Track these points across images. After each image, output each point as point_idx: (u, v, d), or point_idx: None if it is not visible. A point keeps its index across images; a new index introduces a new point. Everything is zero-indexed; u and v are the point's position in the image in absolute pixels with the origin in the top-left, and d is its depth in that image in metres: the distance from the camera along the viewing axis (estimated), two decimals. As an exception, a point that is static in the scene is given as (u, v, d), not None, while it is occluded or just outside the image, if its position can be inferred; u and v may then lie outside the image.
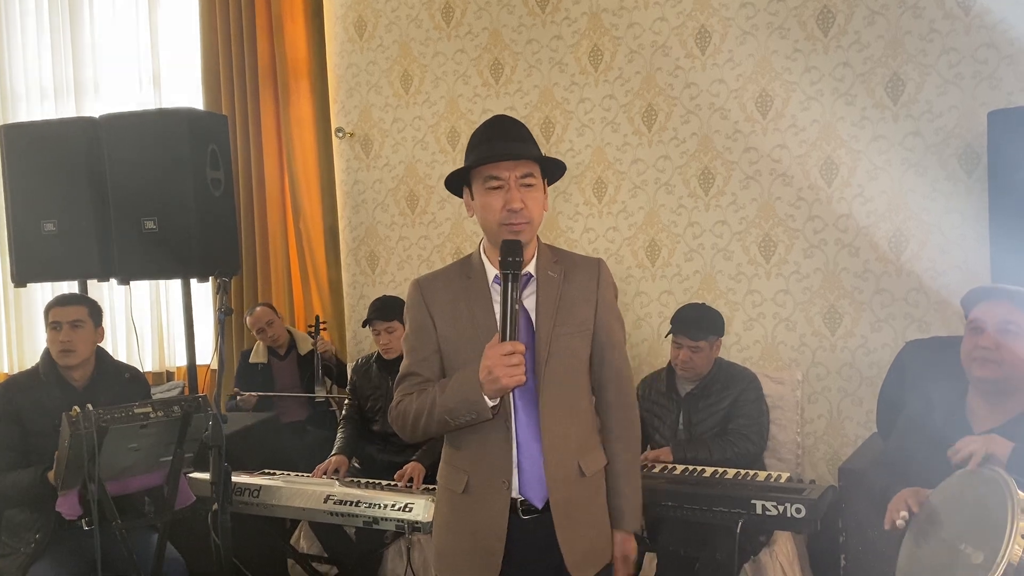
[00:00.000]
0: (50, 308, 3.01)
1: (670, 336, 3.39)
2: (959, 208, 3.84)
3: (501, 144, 1.94)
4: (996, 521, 1.84)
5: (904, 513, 2.11)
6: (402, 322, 3.66)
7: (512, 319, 1.83)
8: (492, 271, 2.00)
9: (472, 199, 1.99)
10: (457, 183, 2.03)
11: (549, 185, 2.05)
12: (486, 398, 1.83)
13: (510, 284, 1.84)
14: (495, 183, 1.92)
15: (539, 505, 1.96)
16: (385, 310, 3.74)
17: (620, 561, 2.07)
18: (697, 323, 3.31)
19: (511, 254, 1.86)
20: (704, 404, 3.32)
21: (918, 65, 3.88)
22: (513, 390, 1.93)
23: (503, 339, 1.82)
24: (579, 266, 2.05)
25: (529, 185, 1.93)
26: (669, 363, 3.44)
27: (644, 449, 3.29)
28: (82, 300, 3.10)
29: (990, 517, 1.87)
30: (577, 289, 2.01)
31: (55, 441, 2.66)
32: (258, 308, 4.74)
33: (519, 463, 1.95)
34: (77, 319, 2.98)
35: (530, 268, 2.00)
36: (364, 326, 3.83)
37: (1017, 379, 2.18)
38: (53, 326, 2.97)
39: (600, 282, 2.04)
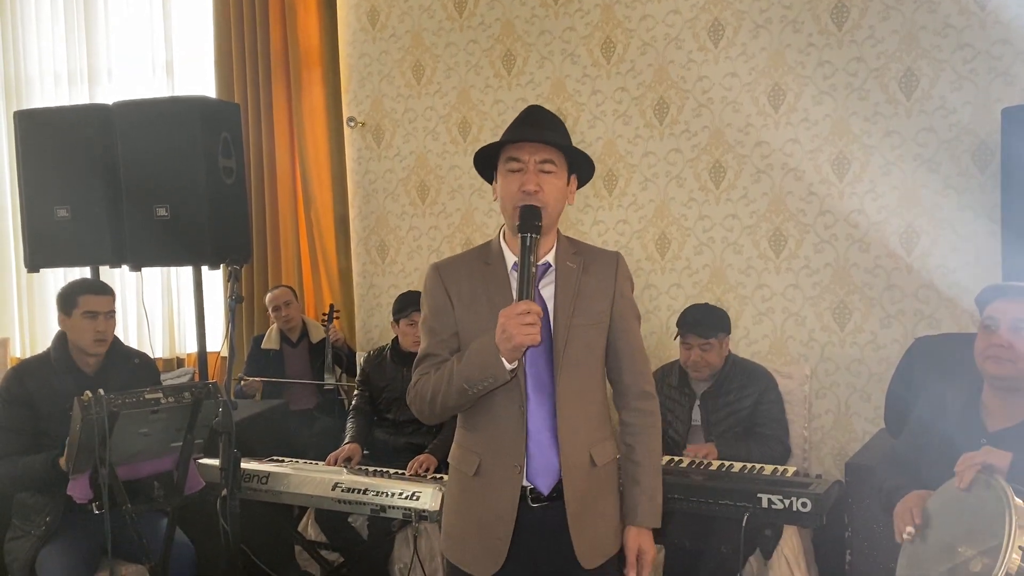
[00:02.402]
0: (82, 295, 2.99)
1: (679, 339, 3.37)
2: (971, 205, 3.83)
3: (527, 129, 1.98)
4: (994, 530, 1.84)
5: (911, 529, 2.11)
6: None
7: (528, 281, 1.84)
8: (511, 258, 2.01)
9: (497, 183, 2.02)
10: (490, 172, 2.05)
11: (581, 185, 2.07)
12: (503, 360, 1.83)
13: (527, 247, 1.86)
14: (515, 165, 1.95)
15: (545, 493, 1.97)
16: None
17: (632, 554, 2.02)
18: (704, 321, 3.31)
19: (529, 218, 1.89)
20: (723, 402, 3.30)
21: (932, 60, 3.86)
22: (527, 379, 1.95)
23: (519, 300, 1.83)
24: (598, 259, 2.06)
25: (548, 172, 1.94)
26: (681, 364, 3.43)
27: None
28: (111, 289, 3.12)
29: (988, 525, 1.87)
30: (595, 281, 2.02)
31: (66, 425, 2.68)
32: (279, 288, 4.76)
33: (528, 450, 1.96)
34: (112, 310, 3.03)
35: (549, 258, 2.02)
36: (398, 318, 3.79)
37: None
38: (89, 315, 2.96)
39: (618, 275, 2.05)
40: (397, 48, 4.88)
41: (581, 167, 2.04)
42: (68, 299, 3.00)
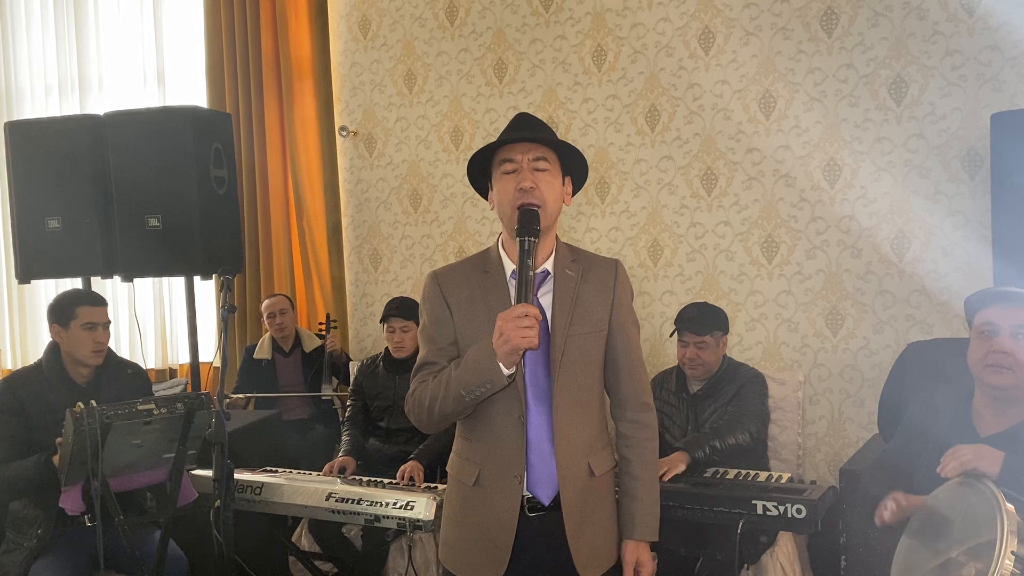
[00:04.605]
0: (81, 307, 2.98)
1: (675, 337, 3.38)
2: (962, 210, 3.85)
3: (517, 132, 1.99)
4: (987, 535, 1.84)
5: (892, 504, 2.11)
6: (418, 323, 3.67)
7: (526, 284, 1.83)
8: (510, 266, 2.00)
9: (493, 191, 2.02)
10: (483, 183, 2.05)
11: (577, 188, 2.07)
12: (500, 365, 1.82)
13: (525, 250, 1.86)
14: (509, 166, 1.95)
15: (546, 503, 1.96)
16: (405, 309, 3.76)
17: (630, 568, 2.02)
18: (700, 319, 3.32)
19: (528, 222, 1.88)
20: (710, 403, 3.32)
21: (921, 67, 3.88)
22: (526, 388, 1.94)
23: (516, 303, 1.82)
24: (597, 266, 2.05)
25: (542, 169, 1.94)
26: (678, 364, 3.44)
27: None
28: (105, 300, 3.11)
29: (980, 531, 1.87)
30: (594, 289, 2.02)
31: (58, 435, 2.68)
32: (276, 296, 4.75)
33: (529, 460, 1.95)
34: (108, 320, 3.02)
35: (548, 266, 2.01)
36: (382, 322, 3.82)
37: None
38: (88, 326, 2.96)
39: (617, 283, 2.04)
40: (389, 57, 4.89)
41: (575, 169, 2.04)
42: (65, 310, 2.97)
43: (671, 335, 3.43)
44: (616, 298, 2.03)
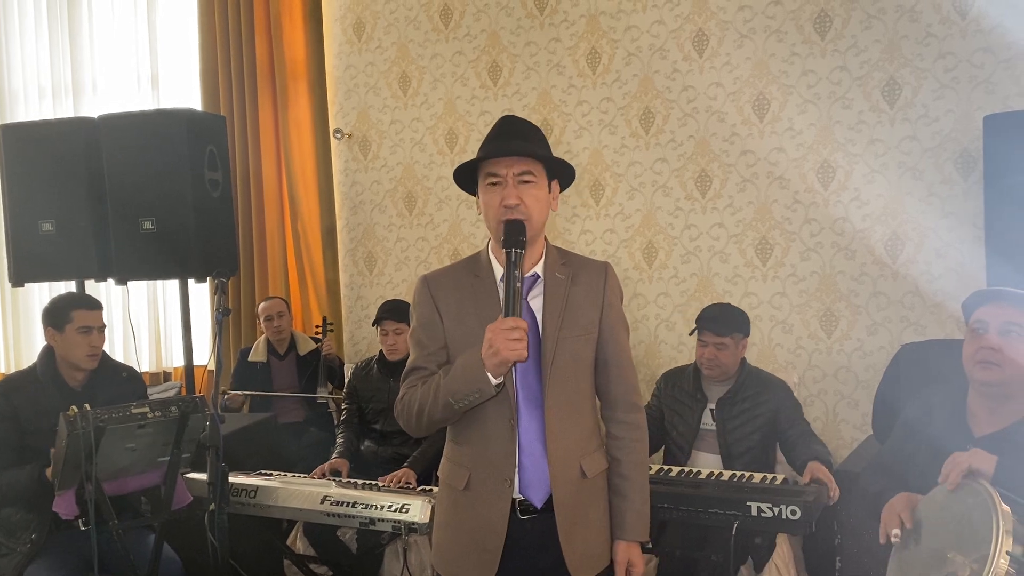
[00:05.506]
0: (76, 310, 2.96)
1: (695, 335, 3.34)
2: (955, 212, 3.86)
3: (501, 142, 1.97)
4: (982, 536, 1.85)
5: (896, 531, 2.11)
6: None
7: (514, 297, 1.84)
8: (500, 271, 2.00)
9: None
10: (473, 186, 2.05)
11: (563, 189, 2.06)
12: (489, 375, 1.83)
13: (512, 262, 1.86)
14: (494, 179, 1.94)
15: (539, 505, 1.96)
16: (398, 311, 3.76)
17: (622, 567, 2.02)
18: (720, 319, 3.28)
19: (514, 233, 1.88)
20: (738, 411, 3.25)
21: (915, 69, 3.90)
22: (517, 392, 1.94)
23: (505, 316, 1.83)
24: (587, 269, 2.05)
25: (527, 182, 1.93)
26: (695, 363, 3.41)
27: (654, 451, 3.31)
28: (100, 304, 3.10)
29: (976, 531, 1.88)
30: (583, 292, 2.02)
31: (52, 441, 2.66)
32: (273, 299, 4.74)
33: (521, 463, 1.95)
34: (103, 324, 3.01)
35: (538, 269, 2.01)
36: (374, 325, 3.83)
37: (1019, 382, 2.16)
38: (83, 330, 2.94)
39: (607, 286, 2.04)
40: (383, 60, 4.89)
41: (561, 172, 2.04)
42: (60, 314, 2.96)
43: (691, 333, 3.40)
44: (606, 300, 2.03)
